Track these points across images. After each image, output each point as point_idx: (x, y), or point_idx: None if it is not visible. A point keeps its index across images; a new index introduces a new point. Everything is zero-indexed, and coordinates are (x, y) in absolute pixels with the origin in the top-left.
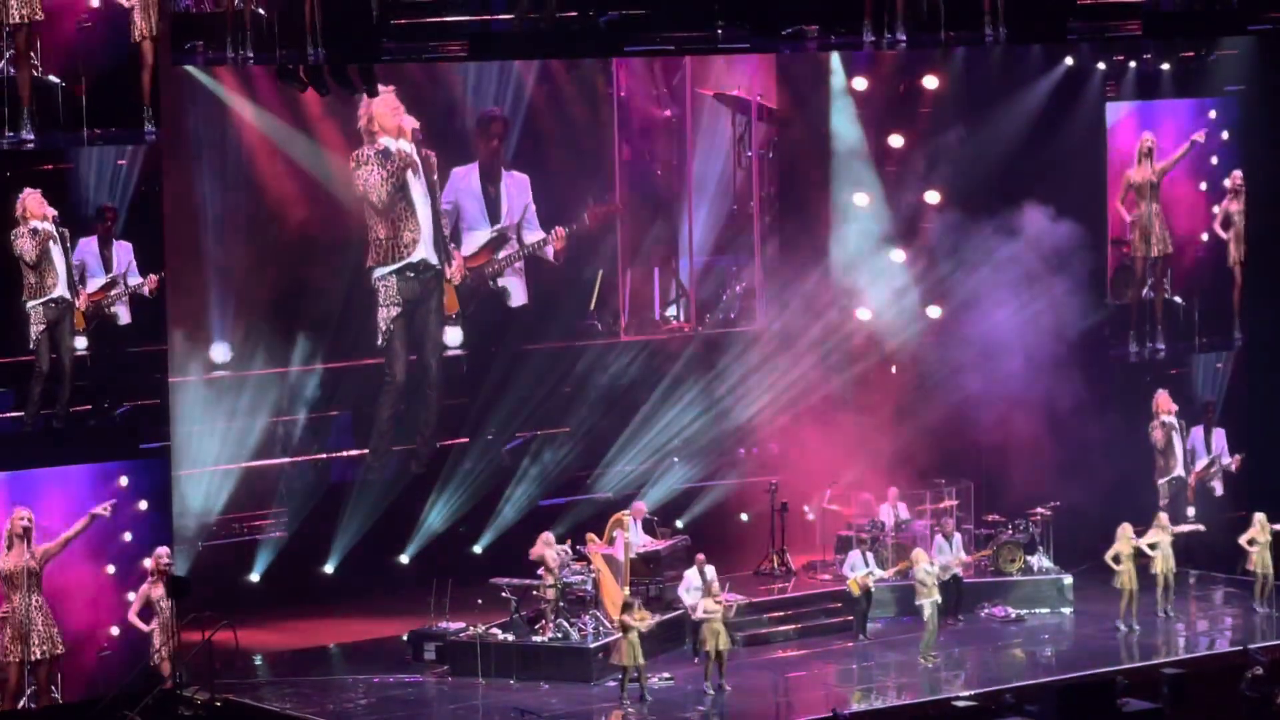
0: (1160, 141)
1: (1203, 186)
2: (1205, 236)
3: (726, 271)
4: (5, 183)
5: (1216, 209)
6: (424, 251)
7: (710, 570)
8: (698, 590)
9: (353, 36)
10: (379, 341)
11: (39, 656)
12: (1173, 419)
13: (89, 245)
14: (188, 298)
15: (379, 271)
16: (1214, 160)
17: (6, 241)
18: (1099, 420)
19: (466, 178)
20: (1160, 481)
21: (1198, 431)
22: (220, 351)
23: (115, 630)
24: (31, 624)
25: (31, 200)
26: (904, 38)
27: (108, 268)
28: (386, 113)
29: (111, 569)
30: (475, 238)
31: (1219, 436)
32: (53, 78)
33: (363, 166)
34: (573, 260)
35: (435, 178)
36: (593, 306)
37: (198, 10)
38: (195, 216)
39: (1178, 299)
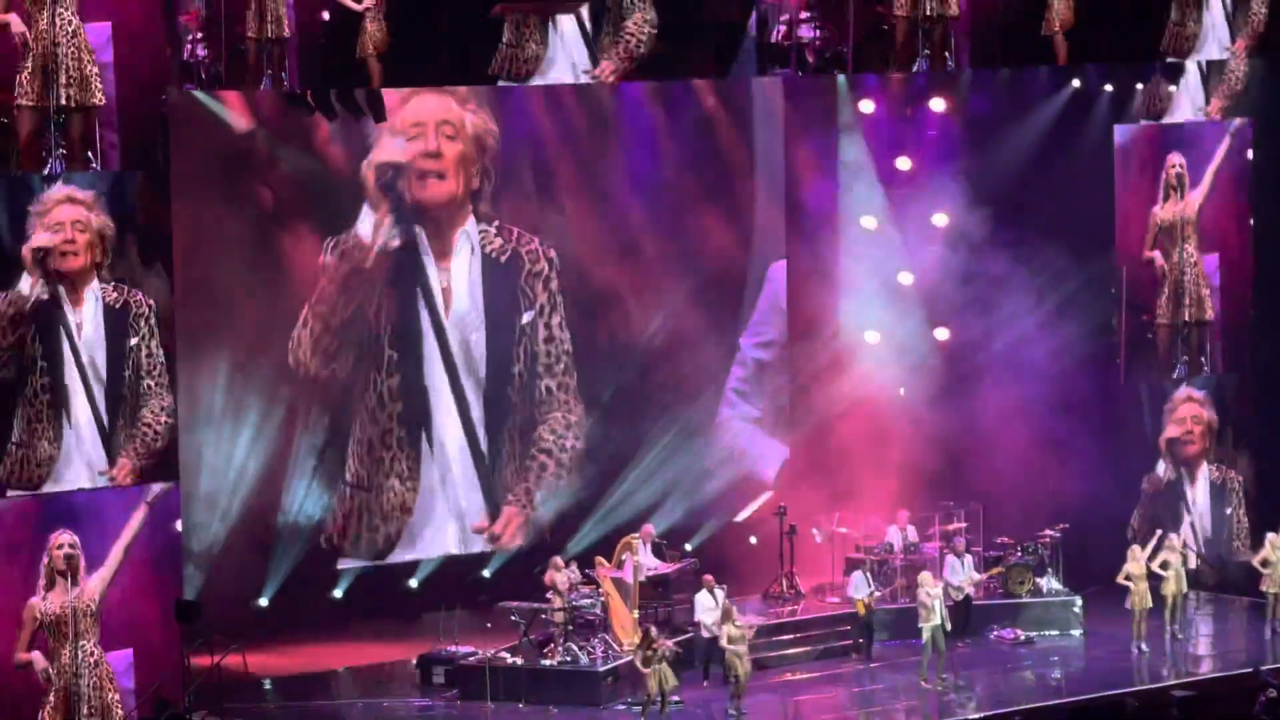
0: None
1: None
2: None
3: None
4: None
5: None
6: None
7: (720, 592)
8: (712, 611)
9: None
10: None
11: None
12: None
13: None
14: (197, 323)
15: None
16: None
17: None
18: (1107, 442)
19: None
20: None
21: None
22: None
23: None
24: (79, 686)
25: None
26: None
27: None
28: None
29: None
30: None
31: None
32: None
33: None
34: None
35: None
36: None
37: (206, 78)
38: (203, 242)
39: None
